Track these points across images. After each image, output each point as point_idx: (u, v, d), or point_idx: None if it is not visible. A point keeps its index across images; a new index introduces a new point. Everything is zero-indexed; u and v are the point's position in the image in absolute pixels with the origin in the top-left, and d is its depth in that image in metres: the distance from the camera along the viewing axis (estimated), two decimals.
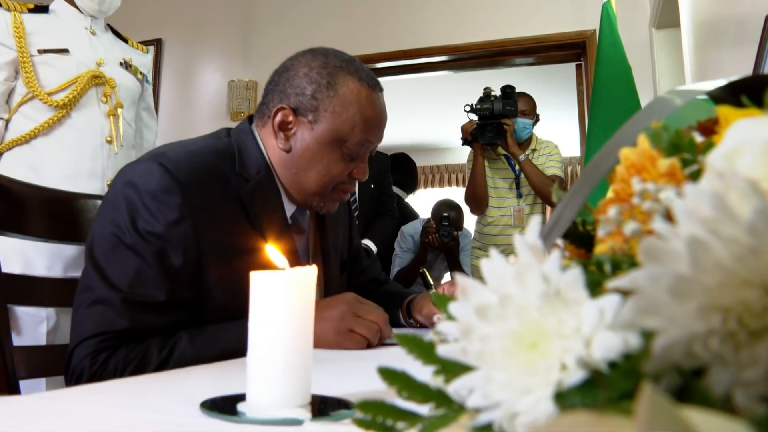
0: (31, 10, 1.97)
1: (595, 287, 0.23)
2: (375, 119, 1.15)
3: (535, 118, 3.14)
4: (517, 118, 3.01)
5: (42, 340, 1.76)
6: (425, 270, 1.44)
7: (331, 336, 1.01)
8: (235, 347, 0.94)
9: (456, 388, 0.25)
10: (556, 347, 0.23)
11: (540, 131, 3.22)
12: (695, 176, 0.28)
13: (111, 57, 2.09)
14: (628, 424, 0.17)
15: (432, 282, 1.38)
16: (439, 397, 0.26)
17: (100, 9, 2.07)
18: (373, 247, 2.83)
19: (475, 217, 3.22)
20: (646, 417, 0.15)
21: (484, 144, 3.05)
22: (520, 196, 3.05)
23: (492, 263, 0.26)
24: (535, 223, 0.26)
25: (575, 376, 0.21)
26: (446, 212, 3.15)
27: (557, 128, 6.13)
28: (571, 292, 0.23)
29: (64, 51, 1.97)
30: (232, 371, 0.77)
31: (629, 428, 0.17)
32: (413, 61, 3.84)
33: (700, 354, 0.19)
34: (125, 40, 2.25)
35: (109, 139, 2.02)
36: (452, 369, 0.26)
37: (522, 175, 3.01)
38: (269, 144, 1.16)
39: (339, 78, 1.12)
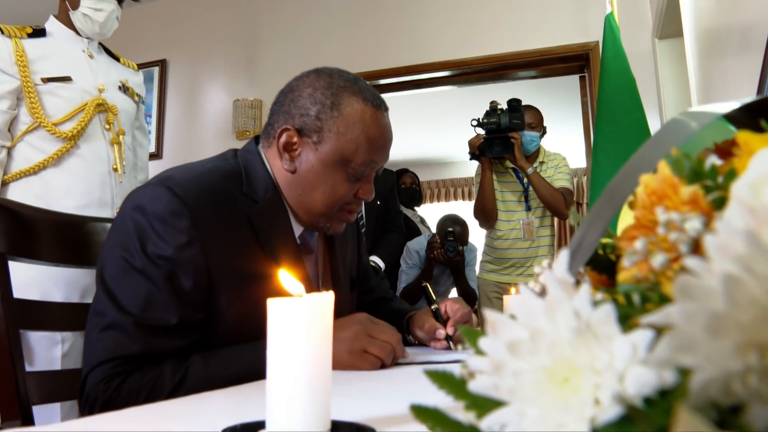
0: (30, 35, 1.96)
1: (624, 320, 0.24)
2: (380, 139, 1.15)
3: (543, 131, 3.15)
4: (524, 131, 3.02)
5: (57, 364, 1.76)
6: (428, 284, 1.44)
7: (344, 357, 1.00)
8: (249, 370, 0.94)
9: (489, 423, 0.25)
10: (588, 382, 0.23)
11: (545, 143, 3.23)
12: (718, 204, 0.29)
13: (110, 81, 2.10)
14: None
15: (434, 297, 1.37)
16: None
17: (101, 32, 2.08)
18: (381, 264, 2.83)
19: (482, 231, 3.22)
20: None
21: (492, 158, 3.05)
22: (529, 209, 3.05)
23: (522, 298, 0.26)
24: (563, 255, 0.26)
25: (610, 411, 0.21)
26: (451, 227, 3.15)
27: (562, 140, 6.14)
28: (602, 327, 0.23)
29: (67, 79, 1.97)
30: (248, 396, 0.77)
31: None
32: (417, 76, 3.85)
33: (739, 391, 0.19)
34: (117, 59, 2.25)
35: (115, 167, 2.03)
36: (484, 404, 0.26)
37: (531, 188, 3.01)
38: (275, 165, 1.17)
39: (343, 98, 1.13)
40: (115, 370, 0.93)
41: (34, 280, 1.75)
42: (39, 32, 2.00)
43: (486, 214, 3.05)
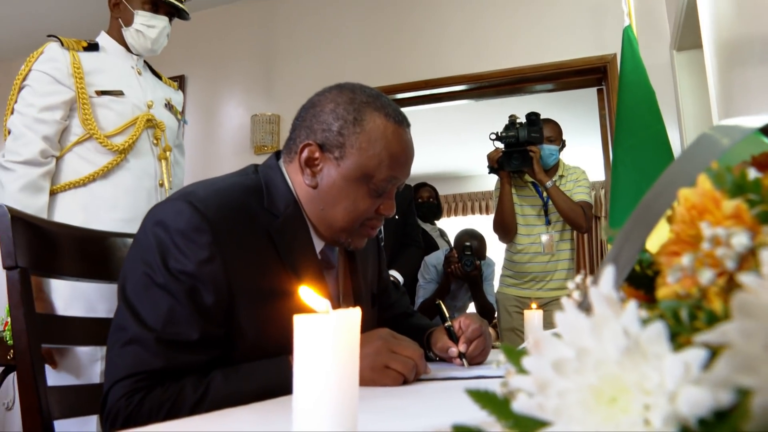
0: (85, 48, 2.00)
1: (672, 339, 0.23)
2: (401, 155, 1.15)
3: (562, 144, 3.14)
4: (543, 145, 3.01)
5: (96, 380, 1.78)
6: (441, 302, 1.43)
7: (366, 373, 1.00)
8: (270, 386, 0.94)
9: None
10: (637, 402, 0.22)
11: (564, 157, 3.21)
12: (763, 218, 0.28)
13: (157, 98, 2.14)
14: None
15: (447, 314, 1.36)
16: None
17: (152, 48, 2.12)
18: (400, 278, 2.83)
19: (501, 246, 3.20)
20: None
21: (511, 172, 3.04)
22: (548, 223, 3.03)
23: (567, 316, 0.26)
24: (608, 272, 0.26)
25: (655, 427, 0.21)
26: (468, 241, 3.14)
27: (580, 153, 6.10)
28: (652, 345, 0.23)
29: (120, 93, 2.00)
30: (272, 413, 0.77)
31: None
32: (435, 90, 3.86)
33: None
34: (159, 77, 2.28)
35: (161, 182, 2.06)
36: (527, 424, 0.25)
37: (550, 202, 2.99)
38: (296, 180, 1.17)
39: (366, 114, 1.13)
40: (136, 386, 0.93)
41: (79, 293, 1.78)
42: (93, 46, 2.05)
43: (505, 228, 3.04)
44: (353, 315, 0.55)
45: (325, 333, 0.54)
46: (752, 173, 0.35)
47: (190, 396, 0.94)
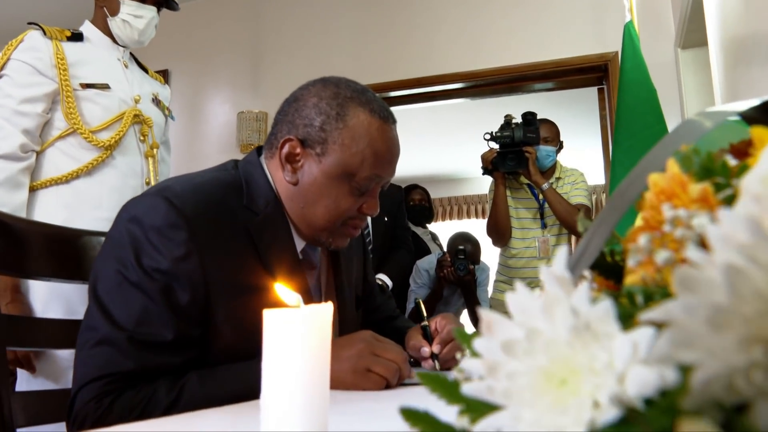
0: (69, 38, 1.98)
1: (626, 320, 0.23)
2: (386, 153, 1.15)
3: (559, 146, 3.15)
4: (540, 146, 3.02)
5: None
6: (420, 301, 1.43)
7: (347, 376, 1.00)
8: (248, 389, 0.93)
9: (482, 428, 0.25)
10: (587, 384, 0.23)
11: (562, 159, 3.22)
12: (729, 201, 0.28)
13: (144, 92, 2.13)
14: None
15: (426, 314, 1.35)
16: None
17: (139, 39, 2.10)
18: (389, 282, 2.83)
19: (496, 250, 3.21)
20: None
21: (506, 173, 3.05)
22: (544, 226, 3.04)
23: (518, 296, 0.26)
24: (561, 253, 0.26)
25: (609, 413, 0.21)
26: (462, 245, 3.14)
27: (579, 155, 6.13)
28: (601, 325, 0.23)
29: (106, 87, 1.99)
30: (244, 414, 0.77)
31: None
32: (429, 88, 3.87)
33: (743, 388, 0.19)
34: (146, 70, 2.27)
35: (148, 181, 2.05)
36: (478, 408, 0.26)
37: (546, 205, 3.00)
38: (277, 176, 1.17)
39: (349, 109, 1.13)
40: (106, 388, 0.93)
41: (60, 293, 1.77)
42: (77, 36, 2.02)
43: (499, 232, 3.04)
44: (325, 310, 0.55)
45: (294, 328, 0.54)
46: (730, 161, 0.36)
47: (163, 399, 0.94)
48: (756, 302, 0.19)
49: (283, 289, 0.57)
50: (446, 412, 0.29)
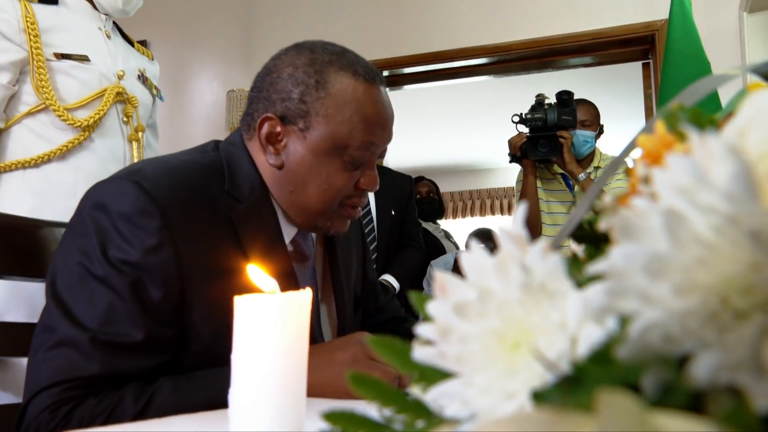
0: (41, 0, 1.94)
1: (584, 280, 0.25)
2: (377, 117, 1.17)
3: (598, 130, 3.14)
4: (576, 130, 3.01)
5: None
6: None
7: (340, 383, 1.00)
8: (227, 397, 0.95)
9: (434, 396, 0.27)
10: (539, 344, 0.25)
11: (602, 145, 3.22)
12: None
13: (128, 68, 2.11)
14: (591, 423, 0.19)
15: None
16: (416, 407, 0.28)
17: (123, 9, 2.09)
18: (396, 284, 2.84)
19: None
20: (607, 417, 0.17)
21: (536, 161, 3.05)
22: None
23: (471, 256, 0.28)
24: (521, 209, 0.28)
25: (555, 372, 0.23)
26: (483, 243, 3.15)
27: (622, 141, 6.11)
28: (554, 282, 0.25)
29: (85, 59, 1.96)
30: (218, 420, 0.79)
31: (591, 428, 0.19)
32: (446, 64, 3.88)
33: (679, 338, 0.21)
34: (131, 43, 2.26)
35: None
36: (432, 376, 0.28)
37: None
38: (259, 160, 1.19)
39: (330, 74, 1.15)
40: (64, 395, 0.93)
41: (24, 294, 1.75)
42: None
43: (528, 228, 3.03)
44: (303, 296, 0.57)
45: (268, 316, 0.56)
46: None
47: (129, 408, 0.94)
48: (695, 248, 0.21)
49: (257, 272, 0.59)
50: None
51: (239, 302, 0.57)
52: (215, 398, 0.97)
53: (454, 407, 0.26)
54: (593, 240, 0.37)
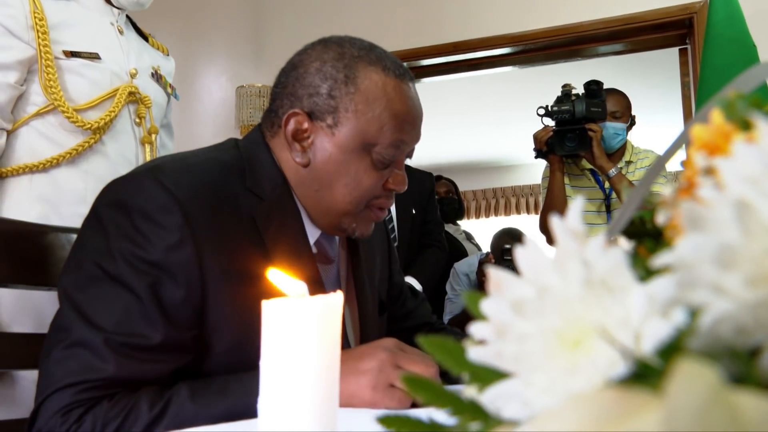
0: None
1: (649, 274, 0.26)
2: (407, 115, 1.18)
3: (630, 122, 3.13)
4: (606, 123, 3.00)
5: None
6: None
7: (366, 392, 1.01)
8: (249, 405, 0.96)
9: (491, 397, 0.28)
10: (601, 343, 0.26)
11: (634, 138, 3.21)
12: None
13: (142, 65, 2.11)
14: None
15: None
16: (471, 409, 0.29)
17: (138, 1, 2.09)
18: (418, 286, 2.85)
19: (551, 251, 3.21)
20: (680, 386, 0.18)
21: (564, 156, 3.04)
22: (611, 220, 3.04)
23: (527, 252, 0.29)
24: (577, 202, 0.29)
25: (618, 368, 0.24)
26: (508, 243, 3.15)
27: (655, 133, 6.07)
28: (614, 277, 0.26)
29: (96, 57, 1.95)
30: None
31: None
32: (468, 55, 3.88)
33: (752, 330, 0.22)
34: (145, 38, 2.26)
35: None
36: (487, 377, 0.29)
37: (613, 195, 2.99)
38: (283, 158, 1.21)
39: (359, 70, 1.17)
40: (78, 397, 0.94)
41: (30, 305, 1.76)
42: None
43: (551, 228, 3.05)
44: (334, 300, 0.58)
45: (303, 321, 0.57)
46: None
47: (144, 413, 0.95)
48: (765, 238, 0.21)
49: (282, 276, 0.60)
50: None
51: (268, 306, 0.57)
52: (234, 405, 0.98)
53: (513, 408, 0.27)
54: (648, 235, 0.37)
